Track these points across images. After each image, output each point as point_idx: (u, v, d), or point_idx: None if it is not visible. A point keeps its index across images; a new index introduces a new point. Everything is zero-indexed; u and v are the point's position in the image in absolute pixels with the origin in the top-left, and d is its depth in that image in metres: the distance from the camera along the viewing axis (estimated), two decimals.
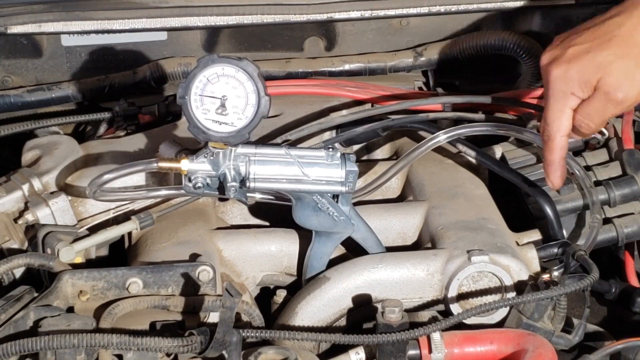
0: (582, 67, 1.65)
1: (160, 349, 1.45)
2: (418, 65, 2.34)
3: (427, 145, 1.85)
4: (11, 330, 1.51)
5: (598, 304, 1.86)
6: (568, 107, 1.68)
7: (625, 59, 1.63)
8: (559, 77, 1.67)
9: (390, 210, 1.87)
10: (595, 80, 1.65)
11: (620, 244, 1.88)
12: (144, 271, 1.60)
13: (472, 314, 1.58)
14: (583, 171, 1.85)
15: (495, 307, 1.60)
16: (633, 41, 1.64)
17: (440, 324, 1.54)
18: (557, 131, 1.70)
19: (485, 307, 1.58)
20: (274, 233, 1.81)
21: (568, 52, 1.67)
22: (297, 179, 1.67)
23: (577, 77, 1.66)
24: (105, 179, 1.69)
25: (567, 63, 1.66)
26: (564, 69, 1.66)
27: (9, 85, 2.30)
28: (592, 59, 1.65)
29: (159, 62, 2.29)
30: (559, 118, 1.69)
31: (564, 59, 1.67)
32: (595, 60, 1.64)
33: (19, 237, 1.79)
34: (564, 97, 1.67)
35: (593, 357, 1.55)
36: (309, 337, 1.54)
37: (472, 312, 1.58)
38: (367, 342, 1.52)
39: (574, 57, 1.66)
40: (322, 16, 2.22)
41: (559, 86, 1.67)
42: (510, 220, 1.86)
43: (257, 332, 1.51)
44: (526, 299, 1.59)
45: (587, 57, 1.65)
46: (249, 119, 1.61)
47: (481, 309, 1.58)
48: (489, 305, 1.59)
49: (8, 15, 2.15)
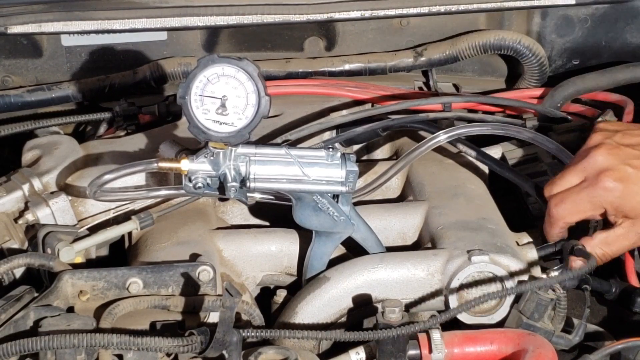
0: (632, 192, 1.66)
1: (160, 349, 1.45)
2: (418, 65, 2.34)
3: (427, 145, 1.85)
4: (11, 330, 1.51)
5: (598, 304, 1.86)
6: (590, 213, 1.70)
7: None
8: (605, 189, 1.67)
9: (390, 210, 1.87)
10: (633, 215, 1.67)
11: None
12: (144, 271, 1.60)
13: (470, 306, 1.58)
14: None
15: (491, 297, 1.60)
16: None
17: (440, 317, 1.54)
18: (566, 217, 1.72)
19: (482, 298, 1.58)
20: (274, 233, 1.81)
21: (626, 170, 1.67)
22: (297, 179, 1.67)
23: (619, 201, 1.66)
24: (105, 179, 1.69)
25: (620, 182, 1.66)
26: (614, 184, 1.66)
27: (9, 85, 2.30)
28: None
29: (159, 62, 2.29)
30: (577, 213, 1.71)
31: (620, 176, 1.66)
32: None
33: (19, 237, 1.79)
34: (595, 206, 1.69)
35: (593, 357, 1.55)
36: (309, 335, 1.53)
37: (471, 304, 1.58)
38: (367, 338, 1.51)
39: (629, 180, 1.66)
40: (322, 16, 2.22)
41: (600, 195, 1.67)
42: (510, 220, 1.86)
43: (257, 331, 1.51)
44: (524, 288, 1.59)
45: (637, 184, 1.65)
46: (249, 119, 1.61)
47: (479, 300, 1.58)
48: (486, 297, 1.59)
49: (8, 15, 2.14)
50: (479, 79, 2.42)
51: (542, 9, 2.31)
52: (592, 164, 1.70)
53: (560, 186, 1.73)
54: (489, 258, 1.67)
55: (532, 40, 2.30)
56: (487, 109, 2.18)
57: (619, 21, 2.31)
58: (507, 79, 2.41)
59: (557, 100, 2.16)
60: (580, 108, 2.17)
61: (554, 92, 2.17)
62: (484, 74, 2.42)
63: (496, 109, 2.18)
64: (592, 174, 1.69)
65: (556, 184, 1.73)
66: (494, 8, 2.27)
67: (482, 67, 2.41)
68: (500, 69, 2.41)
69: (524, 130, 1.88)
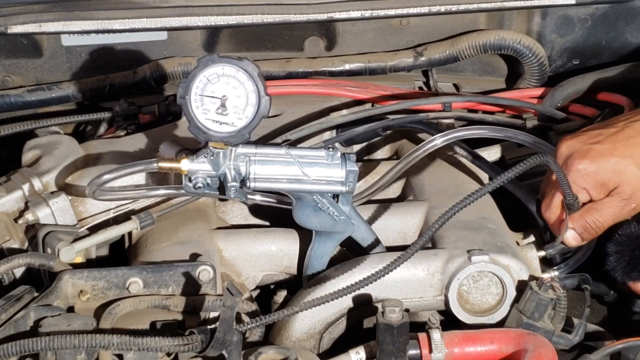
0: (603, 169, 1.69)
1: (160, 349, 1.45)
2: (418, 65, 2.34)
3: (424, 149, 1.84)
4: (11, 330, 1.51)
5: (598, 304, 1.86)
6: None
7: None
8: (577, 171, 1.70)
9: (390, 210, 1.87)
10: (613, 185, 1.69)
11: None
12: (144, 271, 1.60)
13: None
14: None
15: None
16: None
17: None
18: (555, 216, 1.75)
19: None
20: (274, 233, 1.81)
21: (592, 149, 1.70)
22: (297, 178, 1.67)
23: (595, 178, 1.69)
24: (104, 179, 1.69)
25: (589, 161, 1.70)
26: (584, 164, 1.70)
27: (9, 85, 2.30)
28: (614, 163, 1.68)
29: (159, 62, 2.29)
30: (561, 205, 1.73)
31: (587, 155, 1.70)
32: (616, 166, 1.68)
33: (19, 237, 1.79)
34: (575, 191, 1.70)
35: (593, 356, 1.55)
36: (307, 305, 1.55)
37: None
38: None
39: (597, 156, 1.69)
40: (322, 16, 2.22)
41: (575, 179, 1.70)
42: (510, 220, 1.86)
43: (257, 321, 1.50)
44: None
45: (610, 160, 1.68)
46: (249, 119, 1.61)
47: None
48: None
49: (8, 15, 2.15)
50: (479, 79, 2.42)
51: (542, 9, 2.31)
52: (559, 157, 1.73)
53: (548, 201, 1.76)
54: (489, 258, 1.67)
55: (532, 40, 2.30)
56: (487, 109, 2.18)
57: (619, 21, 2.32)
58: (507, 79, 2.41)
59: (557, 100, 2.16)
60: (580, 108, 2.17)
61: (554, 92, 2.18)
62: (484, 74, 2.42)
63: (496, 108, 2.18)
64: (562, 165, 1.71)
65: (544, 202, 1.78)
66: (494, 8, 2.27)
67: (482, 67, 2.41)
68: (500, 69, 2.41)
69: (520, 133, 1.88)
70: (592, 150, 1.70)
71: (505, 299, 1.67)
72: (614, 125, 1.75)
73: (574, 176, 1.70)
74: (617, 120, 1.77)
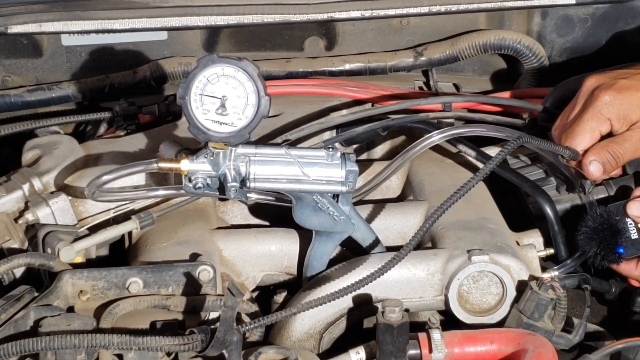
0: (627, 102, 1.77)
1: (160, 348, 1.45)
2: (418, 65, 2.34)
3: (421, 145, 1.84)
4: (11, 330, 1.51)
5: (598, 304, 1.86)
6: (598, 130, 1.80)
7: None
8: (603, 101, 1.78)
9: (390, 210, 1.87)
10: (635, 118, 1.77)
11: None
12: (144, 271, 1.60)
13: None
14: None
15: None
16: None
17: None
18: (579, 144, 1.80)
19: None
20: (274, 233, 1.82)
21: (618, 82, 1.80)
22: (297, 178, 1.67)
23: (620, 108, 1.77)
24: (104, 179, 1.68)
25: (616, 92, 1.78)
26: (610, 95, 1.78)
27: (9, 85, 2.30)
28: (638, 98, 1.77)
29: (159, 62, 2.29)
30: (587, 134, 1.79)
31: (613, 87, 1.79)
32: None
33: (19, 237, 1.79)
34: (600, 121, 1.78)
35: (593, 356, 1.55)
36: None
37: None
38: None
39: (623, 89, 1.78)
40: (322, 16, 2.22)
41: (600, 108, 1.78)
42: (510, 220, 1.86)
43: (257, 322, 1.50)
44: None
45: (635, 94, 1.78)
46: (249, 119, 1.61)
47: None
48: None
49: (8, 15, 2.14)
50: (479, 78, 2.42)
51: (542, 9, 2.31)
52: (585, 90, 1.83)
53: (564, 117, 1.84)
54: (489, 258, 1.67)
55: (532, 40, 2.30)
56: (487, 108, 2.18)
57: (619, 21, 2.32)
58: (507, 79, 2.41)
59: (557, 100, 2.16)
60: None
61: (554, 92, 2.17)
62: (484, 73, 2.42)
63: (496, 108, 2.18)
64: (587, 96, 1.81)
65: (561, 117, 1.87)
66: (494, 8, 2.27)
67: (482, 67, 2.41)
68: (500, 69, 2.41)
69: (517, 132, 1.87)
70: (618, 83, 1.79)
71: (505, 299, 1.67)
72: (639, 67, 1.85)
73: (599, 106, 1.78)
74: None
